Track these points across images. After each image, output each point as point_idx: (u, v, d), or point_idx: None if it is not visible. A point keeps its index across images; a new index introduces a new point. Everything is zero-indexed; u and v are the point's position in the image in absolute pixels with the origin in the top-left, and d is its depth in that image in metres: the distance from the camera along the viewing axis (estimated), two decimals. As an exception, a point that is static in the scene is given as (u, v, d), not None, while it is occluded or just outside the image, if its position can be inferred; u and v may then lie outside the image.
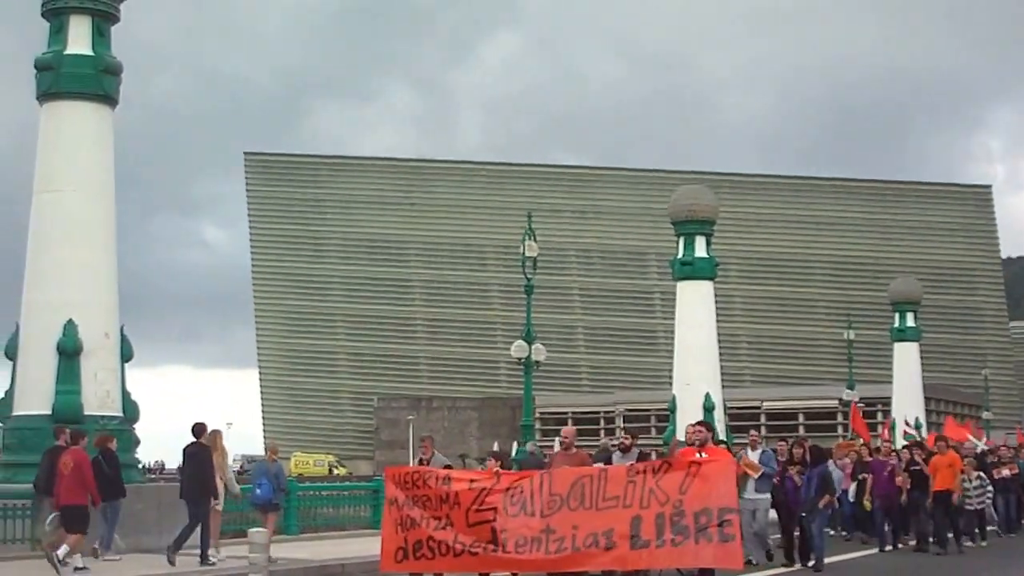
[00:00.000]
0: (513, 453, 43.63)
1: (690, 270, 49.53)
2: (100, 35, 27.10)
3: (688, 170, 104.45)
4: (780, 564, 21.46)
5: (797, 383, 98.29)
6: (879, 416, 74.94)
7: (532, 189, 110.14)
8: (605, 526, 14.59)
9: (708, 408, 48.22)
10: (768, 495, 21.38)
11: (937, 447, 26.54)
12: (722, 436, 46.62)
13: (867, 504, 26.85)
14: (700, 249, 49.82)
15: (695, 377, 48.72)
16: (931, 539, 25.64)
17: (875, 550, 25.45)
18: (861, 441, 38.94)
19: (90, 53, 26.80)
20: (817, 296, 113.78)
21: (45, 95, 26.87)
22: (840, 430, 74.74)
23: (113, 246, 27.11)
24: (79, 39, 26.87)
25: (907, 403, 61.28)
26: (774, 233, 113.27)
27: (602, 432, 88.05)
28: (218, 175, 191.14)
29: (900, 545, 26.11)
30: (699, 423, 17.86)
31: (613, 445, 19.33)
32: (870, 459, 28.11)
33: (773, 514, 22.05)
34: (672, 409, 49.51)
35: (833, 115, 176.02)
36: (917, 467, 26.12)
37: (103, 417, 25.49)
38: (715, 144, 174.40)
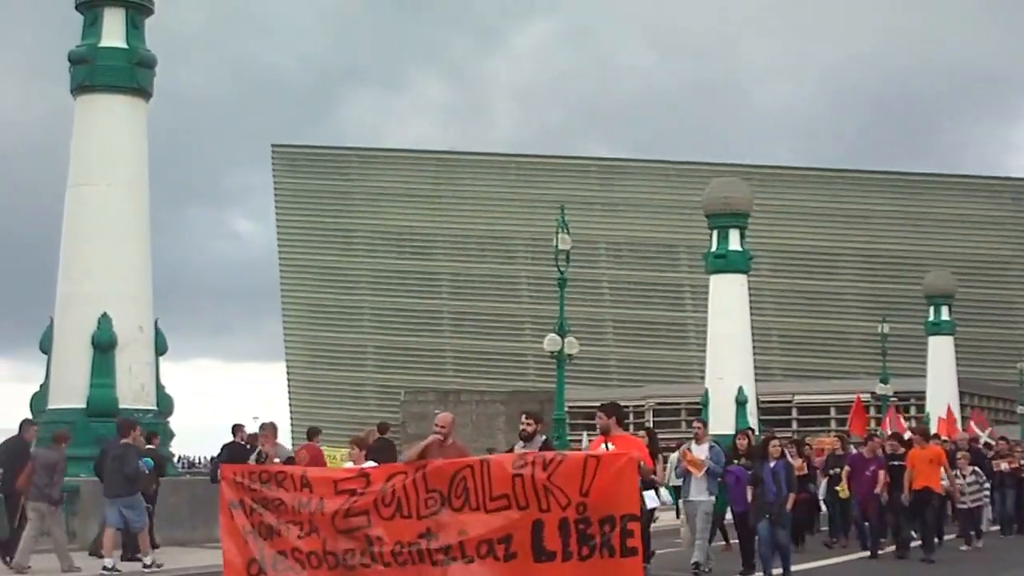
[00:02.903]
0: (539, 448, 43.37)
1: (723, 263, 49.36)
2: (134, 28, 27.02)
3: (721, 162, 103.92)
4: (737, 572, 19.04)
5: (829, 377, 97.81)
6: (912, 411, 74.48)
7: (562, 181, 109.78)
8: (501, 532, 12.44)
9: (741, 402, 48.07)
10: (713, 497, 18.93)
11: (915, 440, 23.69)
12: (754, 428, 46.49)
13: (843, 491, 24.10)
14: (734, 242, 49.64)
15: (728, 371, 48.55)
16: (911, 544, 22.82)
17: (853, 555, 22.86)
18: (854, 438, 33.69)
19: (124, 46, 26.71)
20: (850, 289, 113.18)
21: (79, 88, 26.80)
22: (873, 424, 74.36)
23: (147, 239, 27.05)
24: (113, 32, 26.79)
25: (941, 397, 60.76)
26: (807, 226, 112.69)
27: (631, 427, 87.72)
28: (248, 166, 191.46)
29: (879, 551, 23.09)
30: (601, 407, 14.48)
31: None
32: (842, 452, 25.44)
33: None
34: (704, 403, 49.33)
35: (869, 107, 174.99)
36: (896, 462, 23.08)
37: (137, 410, 25.41)
38: (748, 136, 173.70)
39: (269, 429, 17.22)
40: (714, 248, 50.02)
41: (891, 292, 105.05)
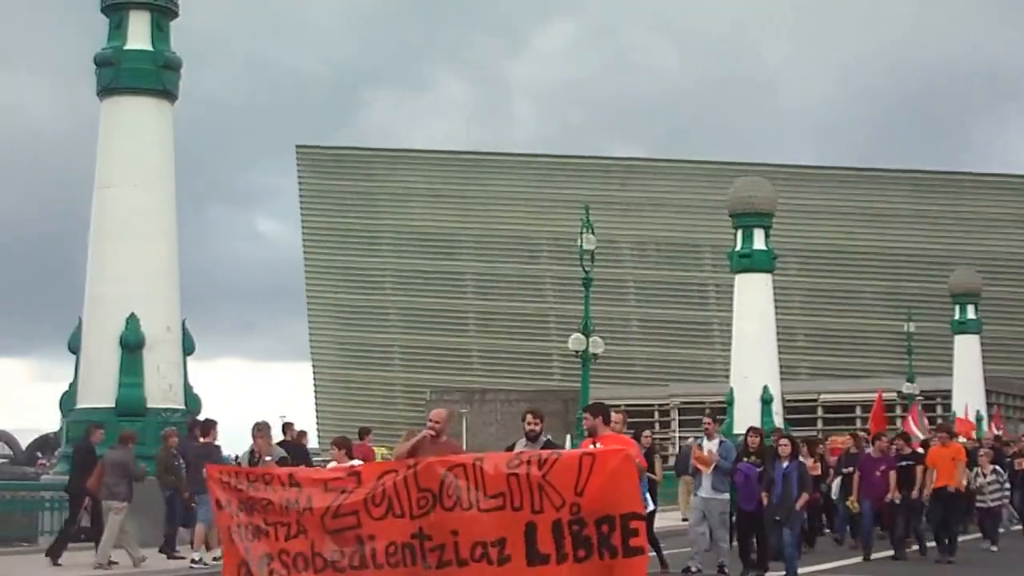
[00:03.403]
0: (568, 446, 43.50)
1: (748, 262, 49.39)
2: (159, 30, 27.19)
3: (744, 161, 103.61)
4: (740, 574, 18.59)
5: (855, 376, 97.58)
6: (939, 409, 74.24)
7: (586, 181, 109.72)
8: (495, 534, 12.00)
9: (766, 401, 48.05)
10: (726, 494, 18.51)
11: (938, 437, 23.43)
12: (780, 427, 46.46)
13: (853, 505, 23.33)
14: (758, 241, 49.67)
15: (753, 370, 48.54)
16: (925, 544, 22.45)
17: (859, 559, 22.10)
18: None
19: (150, 48, 26.89)
20: (876, 288, 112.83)
21: (105, 91, 26.98)
22: (899, 423, 74.19)
23: (174, 240, 27.23)
24: (139, 34, 26.97)
25: (967, 396, 60.58)
26: (833, 225, 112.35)
27: (656, 425, 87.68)
28: (273, 167, 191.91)
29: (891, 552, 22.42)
30: (587, 407, 14.06)
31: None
32: (856, 451, 24.40)
33: None
34: (729, 402, 49.37)
35: (893, 105, 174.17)
36: (906, 463, 22.64)
37: (165, 410, 25.60)
38: (772, 135, 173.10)
39: (263, 428, 16.78)
40: (739, 247, 50.03)
41: (917, 291, 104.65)
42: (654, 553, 18.18)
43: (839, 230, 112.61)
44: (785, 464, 17.52)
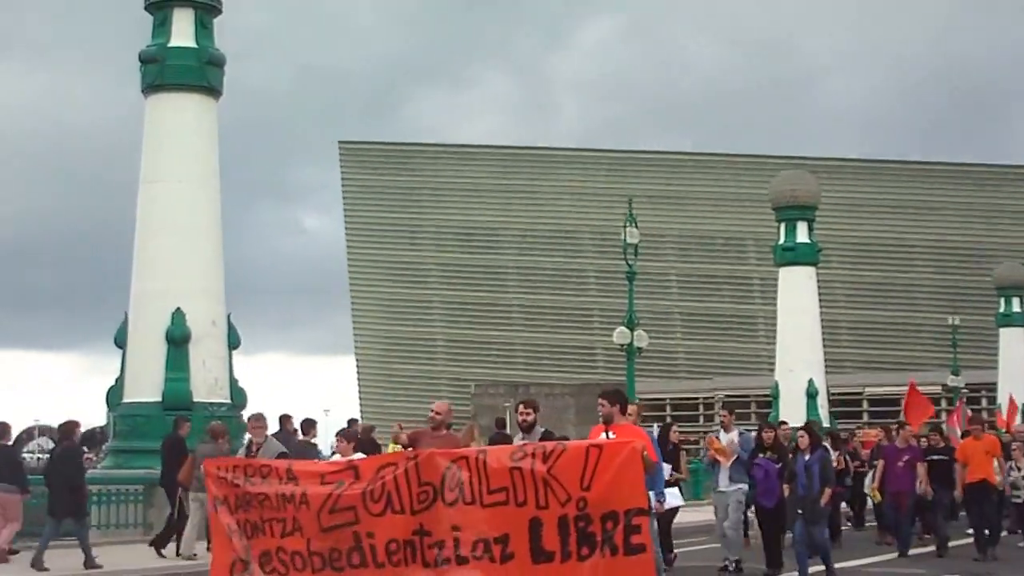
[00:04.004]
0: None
1: (792, 256, 49.31)
2: (203, 27, 27.33)
3: (788, 155, 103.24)
4: (762, 573, 17.96)
5: (900, 369, 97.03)
6: (983, 402, 73.85)
7: (629, 175, 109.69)
8: (497, 530, 11.44)
9: (811, 394, 47.96)
10: (744, 485, 18.08)
11: (972, 430, 22.34)
12: (825, 423, 46.34)
13: (874, 495, 22.91)
14: (802, 234, 49.59)
15: (798, 363, 48.47)
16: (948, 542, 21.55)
17: (894, 554, 21.28)
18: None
19: (193, 45, 27.04)
20: (920, 281, 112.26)
21: (150, 88, 27.17)
22: (943, 416, 73.88)
23: (219, 235, 27.37)
24: (182, 32, 27.13)
25: (1012, 389, 60.17)
26: (877, 218, 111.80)
27: (701, 419, 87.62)
28: (317, 163, 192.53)
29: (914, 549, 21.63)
30: (604, 393, 13.36)
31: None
32: (887, 444, 23.75)
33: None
34: (775, 395, 49.32)
35: (938, 98, 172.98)
36: (937, 456, 21.95)
37: (211, 404, 25.77)
38: (816, 128, 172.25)
39: (259, 419, 15.93)
40: (782, 240, 49.96)
41: (962, 284, 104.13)
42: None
43: (883, 223, 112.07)
44: (807, 457, 17.09)
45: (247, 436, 15.92)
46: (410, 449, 13.51)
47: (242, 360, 30.20)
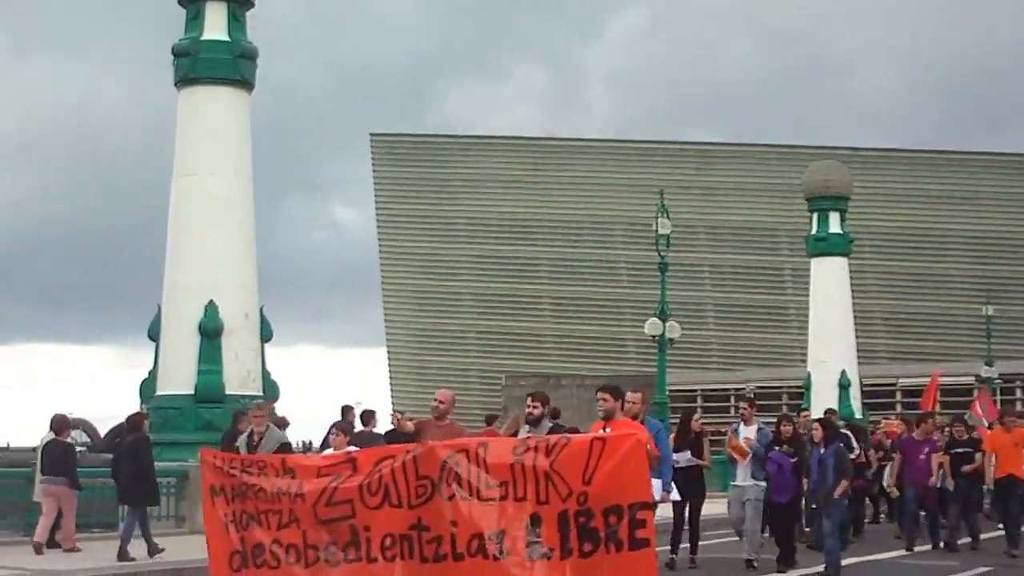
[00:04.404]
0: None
1: (824, 246, 49.28)
2: (235, 20, 27.46)
3: (820, 145, 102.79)
4: (776, 570, 17.73)
5: (933, 359, 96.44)
6: (1018, 392, 73.43)
7: (661, 166, 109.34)
8: (494, 526, 11.13)
9: (844, 385, 47.90)
10: (763, 483, 17.76)
11: (1003, 422, 21.76)
12: (858, 414, 46.24)
13: (892, 490, 22.56)
14: (834, 225, 49.55)
15: (830, 354, 48.43)
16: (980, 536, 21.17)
17: (927, 547, 21.02)
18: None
19: (226, 39, 27.16)
20: (954, 271, 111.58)
21: (183, 81, 27.30)
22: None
23: (251, 228, 27.49)
24: (215, 25, 27.25)
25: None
26: (910, 208, 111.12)
27: (732, 410, 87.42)
28: (348, 155, 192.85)
29: (943, 543, 21.02)
30: (605, 388, 13.18)
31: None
32: (908, 437, 23.00)
33: None
34: (807, 387, 49.26)
35: (971, 86, 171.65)
36: (960, 449, 21.35)
37: (244, 397, 25.86)
38: (849, 118, 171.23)
39: (260, 408, 15.71)
40: (815, 231, 49.91)
41: (996, 273, 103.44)
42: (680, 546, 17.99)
43: (916, 213, 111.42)
44: (822, 450, 16.85)
45: (248, 427, 15.65)
46: (413, 444, 12.97)
47: (275, 353, 30.32)
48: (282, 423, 21.54)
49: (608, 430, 12.06)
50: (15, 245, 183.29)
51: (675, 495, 15.55)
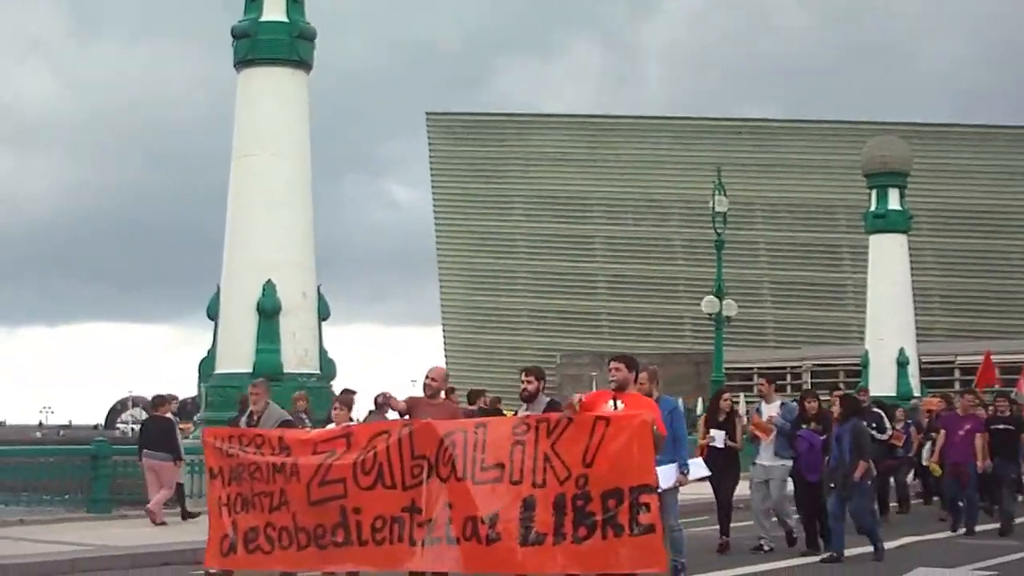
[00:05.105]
0: (699, 410, 43.43)
1: (883, 223, 48.94)
2: (294, 1, 27.60)
3: (878, 121, 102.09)
4: (799, 552, 16.98)
5: (992, 337, 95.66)
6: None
7: (717, 143, 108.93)
8: (488, 508, 10.66)
9: (902, 363, 47.62)
10: (788, 462, 16.93)
11: None
12: (916, 392, 45.96)
13: (935, 468, 21.49)
14: (893, 201, 49.17)
15: (888, 332, 48.15)
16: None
17: (962, 530, 19.89)
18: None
19: (285, 20, 27.27)
20: (1013, 248, 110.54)
21: (242, 62, 27.45)
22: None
23: (309, 208, 27.62)
24: (274, 6, 27.36)
25: (1109, 357, 59.36)
26: (969, 184, 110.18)
27: (788, 388, 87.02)
28: (405, 135, 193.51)
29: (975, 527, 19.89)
30: (620, 357, 12.09)
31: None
32: (947, 414, 21.84)
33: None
34: (864, 364, 49.00)
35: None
36: (1000, 426, 20.23)
37: (301, 375, 26.04)
38: (907, 94, 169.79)
39: (258, 386, 14.98)
40: (873, 208, 49.56)
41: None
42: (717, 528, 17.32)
43: (976, 189, 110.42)
44: (838, 428, 16.27)
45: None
46: (406, 417, 12.58)
47: (332, 331, 30.48)
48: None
49: (619, 403, 11.38)
50: (77, 226, 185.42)
51: (695, 474, 14.46)
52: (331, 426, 13.27)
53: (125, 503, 20.73)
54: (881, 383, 46.26)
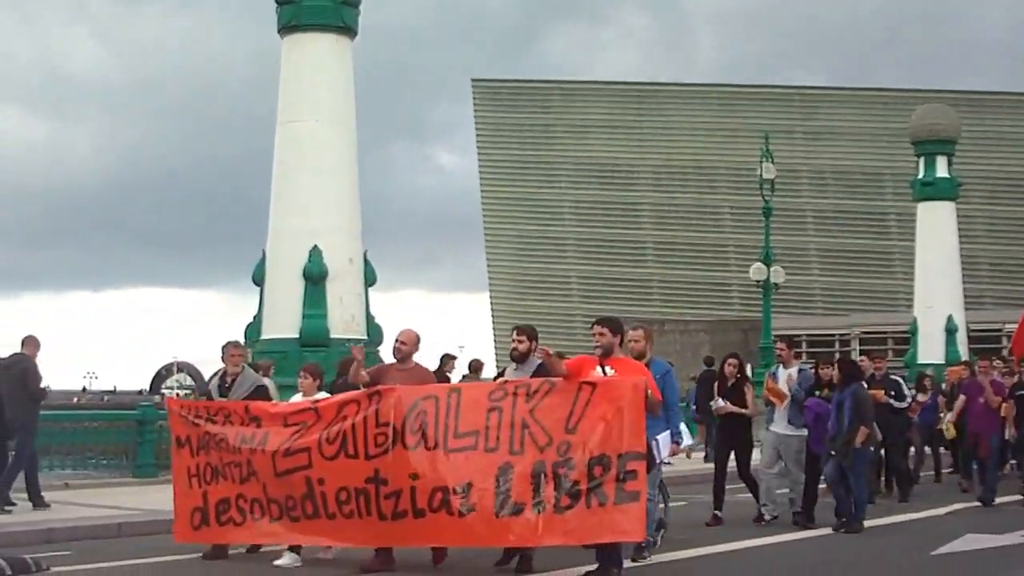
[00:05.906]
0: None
1: (931, 190, 48.69)
2: (338, -34, 27.50)
3: (927, 88, 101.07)
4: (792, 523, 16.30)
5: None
6: None
7: (765, 110, 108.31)
8: (459, 478, 10.16)
9: (950, 331, 47.39)
10: (803, 431, 16.22)
11: None
12: (964, 358, 45.68)
13: (949, 430, 21.10)
14: (941, 169, 48.89)
15: (936, 299, 47.94)
16: None
17: (961, 504, 19.04)
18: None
19: (329, -15, 27.22)
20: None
21: (286, 28, 27.43)
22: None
23: (355, 173, 27.64)
24: (318, -29, 27.31)
25: None
26: (1017, 152, 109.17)
27: (837, 355, 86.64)
28: (452, 101, 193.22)
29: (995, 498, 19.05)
30: (602, 320, 11.46)
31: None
32: (970, 382, 20.89)
33: None
34: (913, 332, 48.86)
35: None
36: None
37: (348, 340, 26.09)
38: (956, 61, 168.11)
39: (236, 347, 14.08)
40: (921, 175, 49.31)
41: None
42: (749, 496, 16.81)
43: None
44: (839, 392, 15.74)
45: (222, 366, 14.24)
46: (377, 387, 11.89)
47: (379, 297, 30.54)
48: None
49: (608, 368, 10.85)
50: (122, 191, 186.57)
51: (688, 441, 14.18)
52: (297, 396, 12.89)
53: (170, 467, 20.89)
54: (930, 351, 46.34)
